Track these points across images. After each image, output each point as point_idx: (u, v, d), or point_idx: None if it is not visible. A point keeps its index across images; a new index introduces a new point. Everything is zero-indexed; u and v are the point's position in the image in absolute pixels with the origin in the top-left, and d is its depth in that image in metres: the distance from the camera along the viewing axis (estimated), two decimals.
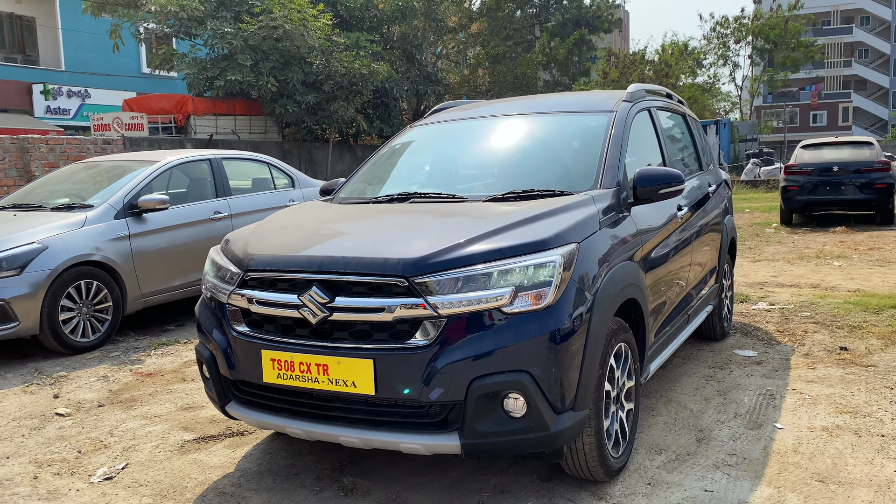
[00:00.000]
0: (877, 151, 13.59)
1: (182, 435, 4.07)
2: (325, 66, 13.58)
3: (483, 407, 2.71)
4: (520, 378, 2.69)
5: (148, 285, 6.41)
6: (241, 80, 12.81)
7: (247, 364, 3.09)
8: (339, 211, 3.81)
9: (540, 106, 4.52)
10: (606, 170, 3.60)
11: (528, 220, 3.03)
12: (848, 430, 3.69)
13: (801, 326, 5.97)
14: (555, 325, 2.73)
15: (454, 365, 2.69)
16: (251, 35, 12.94)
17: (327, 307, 2.84)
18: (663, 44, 38.95)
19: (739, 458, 3.43)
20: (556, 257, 2.80)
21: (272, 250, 3.17)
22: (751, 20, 39.44)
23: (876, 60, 68.02)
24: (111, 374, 5.33)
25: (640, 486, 3.18)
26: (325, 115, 14.25)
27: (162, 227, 6.55)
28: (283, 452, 3.75)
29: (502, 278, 2.75)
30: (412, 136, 4.63)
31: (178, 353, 5.85)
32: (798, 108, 64.40)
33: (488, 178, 3.86)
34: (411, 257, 2.79)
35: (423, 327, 2.74)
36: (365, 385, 2.79)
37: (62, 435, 4.14)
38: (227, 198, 7.30)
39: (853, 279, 8.05)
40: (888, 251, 10.04)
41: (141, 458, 3.75)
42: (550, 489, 3.17)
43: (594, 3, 36.00)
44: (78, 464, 3.73)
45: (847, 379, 4.53)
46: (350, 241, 3.12)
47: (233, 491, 3.33)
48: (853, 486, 3.08)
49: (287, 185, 8.20)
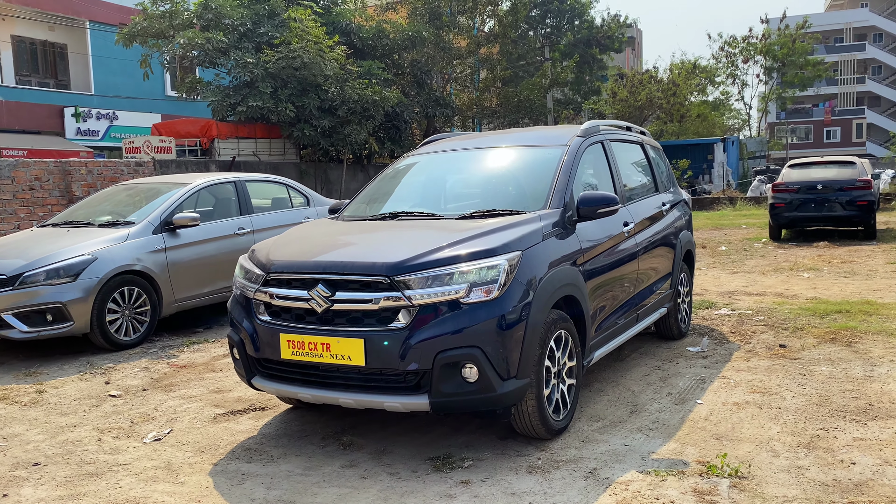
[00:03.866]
0: (859, 170, 14.35)
1: (214, 410, 4.98)
2: (339, 92, 14.61)
3: (446, 374, 3.60)
4: (473, 352, 3.58)
5: (181, 292, 7.36)
6: (262, 105, 13.85)
7: (268, 345, 3.99)
8: (341, 226, 4.73)
9: (509, 140, 5.44)
10: (555, 193, 4.50)
11: (485, 233, 3.93)
12: (753, 405, 4.53)
13: (751, 328, 6.79)
14: (500, 313, 3.62)
15: (424, 342, 3.58)
16: (272, 65, 14.01)
17: (329, 300, 3.75)
18: (672, 63, 39.84)
19: (660, 424, 4.28)
20: (503, 262, 3.69)
21: (288, 257, 4.09)
22: (759, 40, 40.18)
23: (889, 77, 68.36)
24: (151, 365, 6.26)
25: (575, 442, 4.04)
26: (340, 137, 15.26)
27: (193, 241, 7.51)
28: (296, 422, 4.64)
29: (461, 277, 3.64)
30: (403, 165, 5.56)
31: (208, 350, 6.77)
32: (812, 124, 64.87)
33: (461, 200, 4.78)
34: (392, 261, 3.70)
35: (402, 314, 3.63)
36: (358, 358, 3.68)
37: (116, 410, 5.06)
38: (249, 215, 8.24)
39: (815, 288, 8.84)
40: (858, 264, 10.80)
41: (182, 427, 4.66)
42: (505, 444, 4.04)
43: (605, 24, 36.89)
44: (132, 430, 4.64)
45: (771, 368, 5.36)
46: (347, 250, 4.04)
47: (256, 447, 4.22)
48: (740, 442, 3.93)
49: (303, 203, 9.15)
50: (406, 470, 3.75)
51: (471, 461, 3.81)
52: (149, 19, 15.46)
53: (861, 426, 4.08)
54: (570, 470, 3.65)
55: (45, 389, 5.60)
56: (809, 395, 4.65)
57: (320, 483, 3.66)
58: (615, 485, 3.45)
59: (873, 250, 12.40)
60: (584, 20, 37.07)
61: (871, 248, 12.65)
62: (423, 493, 3.47)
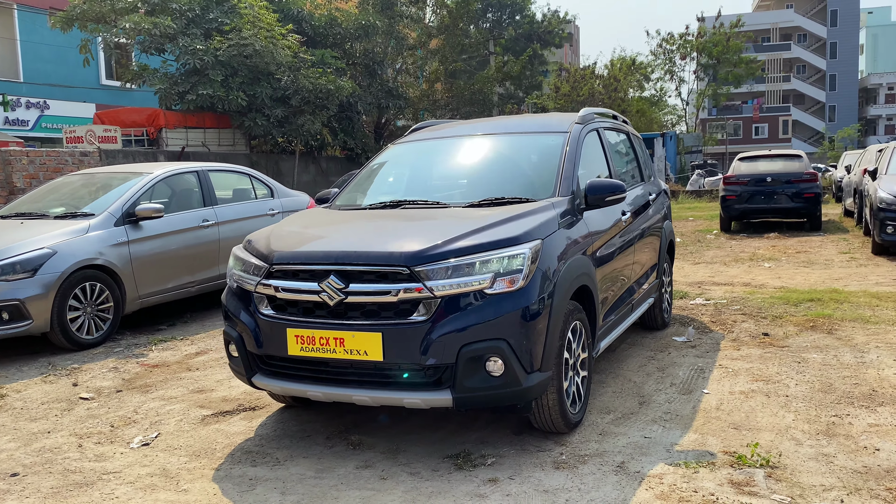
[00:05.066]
0: (805, 163, 14.79)
1: (200, 411, 4.69)
2: (292, 81, 14.20)
3: (470, 368, 3.43)
4: (498, 345, 3.42)
5: (145, 287, 6.97)
6: (213, 94, 13.33)
7: (273, 341, 3.74)
8: (342, 216, 4.50)
9: (505, 127, 5.29)
10: (563, 181, 4.38)
11: (503, 221, 3.77)
12: (760, 393, 4.51)
13: (731, 317, 6.84)
14: (525, 304, 3.48)
15: (447, 335, 3.40)
16: (223, 52, 13.50)
17: (343, 292, 3.53)
18: (612, 59, 40.44)
19: (673, 415, 4.21)
20: (526, 250, 3.54)
21: (294, 247, 3.84)
22: (695, 37, 41.11)
23: (813, 76, 71.20)
24: (120, 365, 5.88)
25: (593, 435, 3.93)
26: (293, 128, 14.84)
27: (157, 233, 7.11)
28: (293, 421, 4.40)
29: (484, 267, 3.48)
30: (395, 153, 5.35)
31: (178, 348, 6.42)
32: (741, 120, 66.99)
33: (464, 188, 4.60)
34: (411, 251, 3.50)
35: (422, 306, 3.45)
36: (375, 353, 3.48)
37: (92, 414, 4.72)
38: (213, 207, 7.88)
39: (780, 278, 9.01)
40: (813, 254, 11.10)
41: (169, 430, 4.36)
42: (522, 440, 3.90)
43: (545, 19, 37.28)
44: (114, 435, 4.32)
45: (764, 357, 5.38)
46: (359, 239, 3.81)
47: (257, 449, 3.97)
48: (760, 431, 3.89)
49: (266, 194, 8.82)
50: (426, 469, 3.58)
51: (493, 458, 3.66)
52: (89, 2, 14.66)
53: (872, 412, 4.10)
54: (597, 464, 3.54)
55: (6, 393, 5.19)
56: (812, 383, 4.67)
57: (338, 486, 3.45)
58: (648, 478, 3.35)
59: (822, 241, 12.78)
60: (525, 15, 37.39)
61: (820, 239, 13.04)
62: (451, 493, 3.30)
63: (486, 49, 30.43)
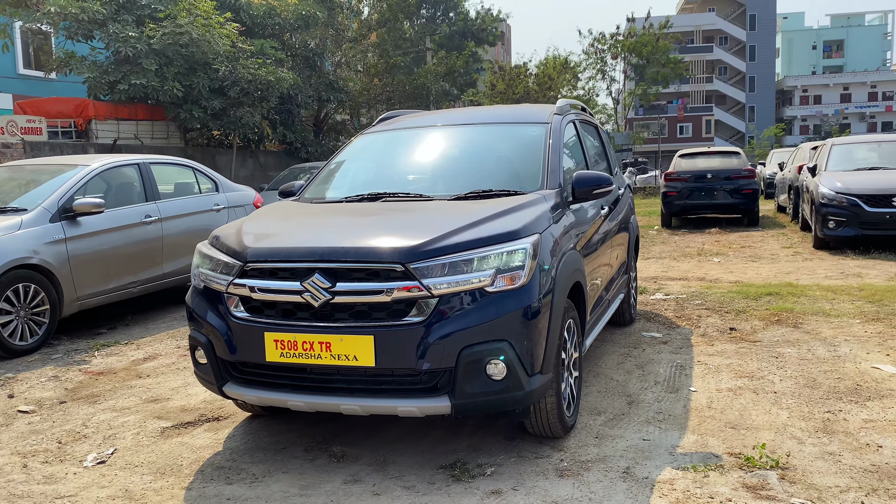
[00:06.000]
0: (744, 160, 15.13)
1: (159, 423, 4.30)
2: (230, 72, 13.61)
3: (470, 372, 3.19)
4: (501, 346, 3.19)
5: (84, 288, 6.45)
6: (147, 84, 12.62)
7: (248, 346, 3.41)
8: (318, 209, 4.18)
9: (481, 117, 5.07)
10: (549, 173, 4.18)
11: (498, 215, 3.54)
12: (748, 390, 4.43)
13: (695, 312, 6.81)
14: (528, 302, 3.26)
15: (447, 337, 3.15)
16: (157, 40, 12.80)
17: (329, 291, 3.23)
18: (546, 57, 40.79)
19: (665, 414, 4.08)
20: (527, 245, 3.33)
21: (270, 243, 3.52)
22: (625, 37, 41.85)
23: (734, 77, 73.77)
24: (60, 374, 5.40)
25: (590, 439, 3.76)
26: (231, 120, 14.24)
27: (96, 230, 6.60)
28: (264, 432, 4.07)
29: (484, 263, 3.24)
30: (364, 144, 5.04)
31: (124, 354, 5.96)
32: (666, 120, 68.79)
33: (447, 180, 4.35)
34: (406, 246, 3.24)
35: (417, 306, 3.19)
36: (366, 358, 3.20)
37: (34, 429, 4.27)
38: (156, 202, 7.39)
39: (732, 272, 9.10)
40: (757, 249, 11.31)
41: (126, 445, 3.97)
42: (516, 446, 3.69)
43: (479, 17, 37.34)
44: (63, 452, 3.90)
45: (740, 352, 5.33)
46: (345, 234, 3.51)
47: (229, 465, 3.63)
48: (758, 430, 3.79)
49: (211, 189, 8.36)
50: (421, 482, 3.32)
51: (491, 467, 3.43)
52: None
53: (862, 407, 4.06)
54: (602, 471, 3.36)
55: None
56: (796, 378, 4.62)
57: None
58: (659, 484, 3.19)
59: (763, 236, 13.06)
60: (459, 12, 37.36)
61: (761, 234, 13.33)
62: None
63: (423, 45, 30.15)
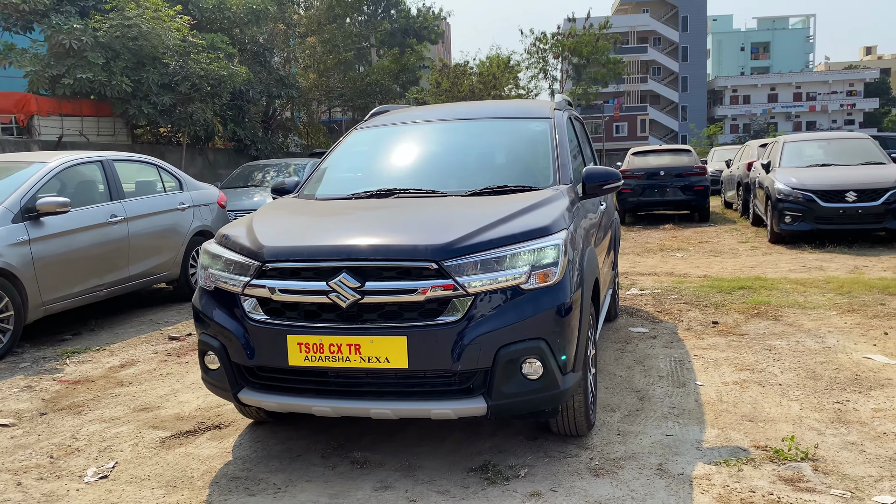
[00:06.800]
0: (694, 158, 15.49)
1: (155, 433, 4.07)
2: (181, 67, 13.13)
3: (507, 372, 3.11)
4: (538, 345, 3.12)
5: (49, 293, 6.10)
6: (93, 79, 12.05)
7: (268, 350, 3.25)
8: (329, 206, 4.01)
9: (479, 112, 4.99)
10: (560, 168, 4.14)
11: (524, 211, 3.47)
12: (753, 383, 4.48)
13: (674, 307, 6.89)
14: (562, 299, 3.20)
15: (483, 337, 3.06)
16: (103, 33, 12.24)
17: (358, 291, 3.10)
18: (489, 56, 41.01)
19: (679, 409, 4.08)
20: (559, 241, 3.26)
21: (290, 241, 3.36)
22: (566, 37, 42.41)
23: (667, 77, 75.68)
24: (33, 383, 5.09)
25: (612, 436, 3.72)
26: (182, 117, 13.75)
27: (61, 231, 6.25)
28: (272, 439, 3.89)
29: (517, 259, 3.16)
30: (360, 139, 4.89)
31: (98, 360, 5.66)
32: (603, 119, 70.10)
33: (457, 176, 4.24)
34: (439, 243, 3.13)
35: (452, 305, 3.09)
36: (398, 360, 3.08)
37: (19, 444, 3.99)
38: (121, 201, 7.06)
39: (698, 267, 9.27)
40: (716, 244, 11.56)
41: (126, 457, 3.74)
42: (540, 445, 3.63)
43: (420, 14, 37.26)
44: (57, 468, 3.65)
45: (732, 345, 5.40)
46: (371, 231, 3.36)
47: (244, 475, 3.46)
48: (775, 422, 3.82)
49: (175, 187, 8.05)
50: (455, 486, 3.22)
51: (523, 468, 3.36)
52: None
53: (868, 397, 4.15)
54: (636, 468, 3.33)
55: None
56: (795, 370, 4.70)
57: None
58: (697, 480, 3.17)
59: (717, 231, 13.38)
60: (401, 10, 37.19)
61: (714, 230, 13.65)
62: None
63: (368, 42, 29.87)
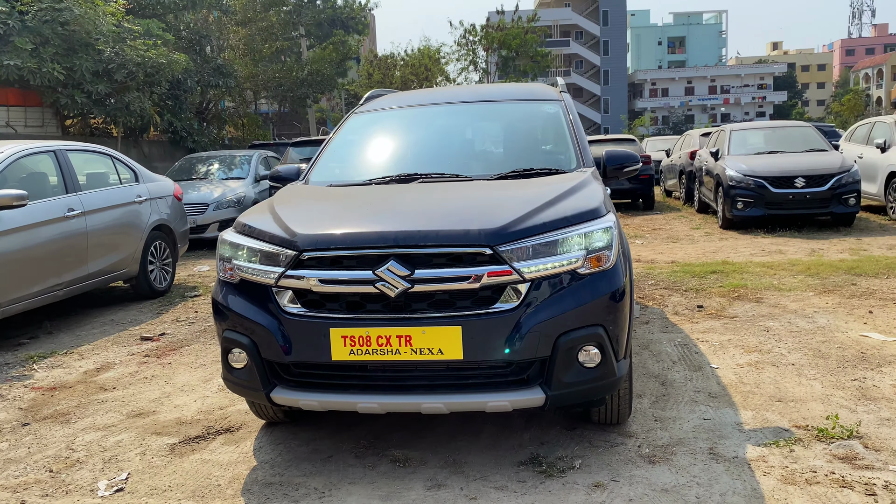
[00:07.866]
0: (639, 147, 15.76)
1: (161, 440, 3.77)
2: (116, 54, 12.42)
3: (566, 360, 2.98)
4: (597, 331, 3.01)
5: (6, 293, 5.62)
6: (21, 66, 11.24)
7: (308, 345, 3.03)
8: (350, 192, 3.77)
9: (485, 94, 4.85)
10: (582, 151, 4.05)
11: (567, 194, 3.35)
12: (766, 364, 4.51)
13: (654, 292, 6.93)
14: (618, 284, 3.09)
15: (542, 324, 2.92)
16: (31, 17, 11.44)
17: (408, 280, 2.92)
18: (419, 48, 40.85)
19: (706, 393, 4.06)
20: (611, 223, 3.16)
21: (328, 229, 3.13)
22: (494, 29, 42.62)
23: (589, 71, 77.16)
24: (3, 392, 4.67)
25: (651, 423, 3.66)
26: (118, 107, 13.01)
27: (17, 226, 5.76)
28: (293, 440, 3.66)
29: (571, 243, 3.04)
30: (362, 123, 4.67)
31: (69, 365, 5.25)
32: None
33: (479, 159, 4.10)
34: (492, 228, 2.97)
35: (507, 292, 2.94)
36: (453, 351, 2.92)
37: (9, 458, 3.63)
38: (77, 194, 6.58)
39: (661, 253, 9.39)
40: (670, 231, 11.77)
41: (138, 467, 3.45)
42: (581, 435, 3.53)
43: (347, 5, 36.70)
44: (61, 482, 3.33)
45: (729, 328, 5.44)
46: (418, 217, 3.16)
47: (278, 481, 3.23)
48: (805, 401, 3.84)
49: (130, 179, 7.59)
50: (512, 482, 3.08)
51: (577, 459, 3.24)
52: None
53: (882, 374, 4.23)
54: (688, 454, 3.26)
55: None
56: (802, 350, 4.76)
57: None
58: (755, 463, 3.13)
59: (665, 218, 13.64)
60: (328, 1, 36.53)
61: (662, 217, 13.91)
62: None
63: (297, 31, 29.20)
